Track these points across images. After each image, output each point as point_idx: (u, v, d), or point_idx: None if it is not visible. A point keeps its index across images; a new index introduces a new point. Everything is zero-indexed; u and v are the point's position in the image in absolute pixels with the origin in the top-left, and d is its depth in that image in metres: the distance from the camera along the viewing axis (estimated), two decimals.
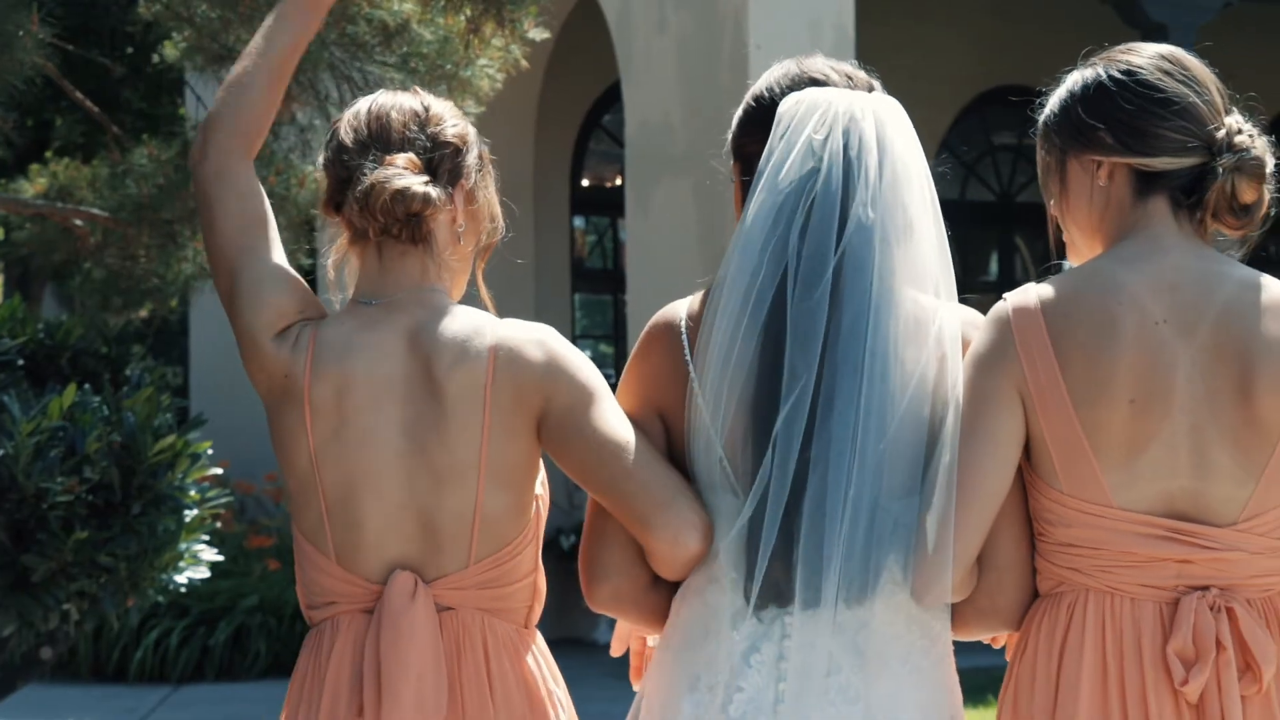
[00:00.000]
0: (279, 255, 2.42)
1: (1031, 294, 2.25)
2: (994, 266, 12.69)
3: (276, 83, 2.43)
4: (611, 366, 12.85)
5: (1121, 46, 2.34)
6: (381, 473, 2.31)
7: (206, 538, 5.22)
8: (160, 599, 5.15)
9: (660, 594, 2.34)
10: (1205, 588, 2.17)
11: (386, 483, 2.31)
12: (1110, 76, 2.28)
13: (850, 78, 2.41)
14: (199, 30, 5.38)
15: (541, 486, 2.42)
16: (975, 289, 12.88)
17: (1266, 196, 2.26)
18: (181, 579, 5.13)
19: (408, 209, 2.33)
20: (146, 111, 12.89)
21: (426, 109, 2.43)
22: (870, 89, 2.41)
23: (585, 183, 12.30)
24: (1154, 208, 2.26)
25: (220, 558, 5.37)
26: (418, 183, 2.35)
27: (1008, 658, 2.34)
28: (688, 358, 2.31)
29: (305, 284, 2.42)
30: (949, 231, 2.31)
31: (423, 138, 2.40)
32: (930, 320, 2.25)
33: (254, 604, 9.51)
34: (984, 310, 2.35)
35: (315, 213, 5.98)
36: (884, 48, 11.50)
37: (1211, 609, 2.15)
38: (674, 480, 2.28)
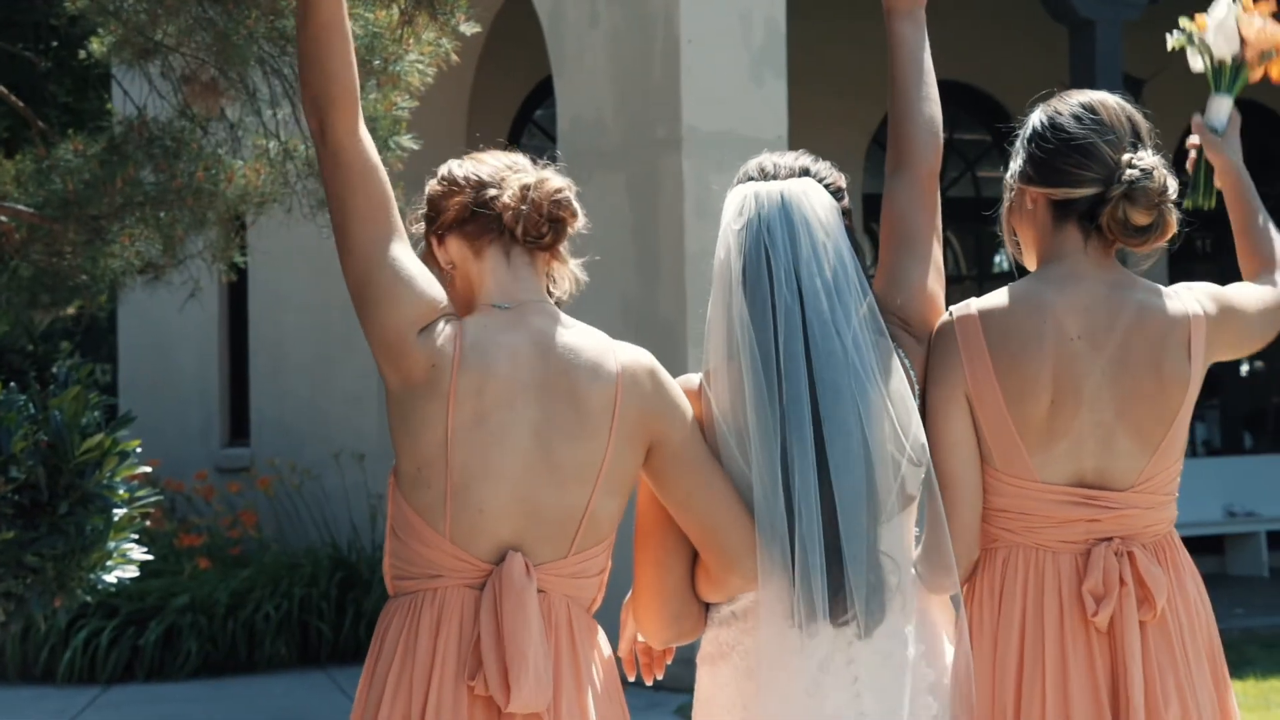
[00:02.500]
0: (408, 246, 2.58)
1: (972, 308, 2.77)
2: None
3: (342, 38, 2.52)
4: None
5: (1061, 94, 2.86)
6: (508, 465, 2.53)
7: (136, 537, 5.16)
8: (89, 599, 5.09)
9: (703, 616, 2.72)
10: (1109, 539, 2.74)
11: (511, 474, 2.53)
12: (1041, 122, 2.84)
13: (779, 167, 2.72)
14: (126, 24, 5.32)
15: None
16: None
17: (1167, 218, 2.74)
18: (110, 579, 5.06)
19: (561, 210, 2.62)
20: (72, 106, 12.76)
21: (533, 160, 2.74)
22: (804, 172, 2.72)
23: None
24: (1069, 233, 2.79)
25: (150, 557, 5.31)
26: (569, 187, 2.66)
27: None
28: (723, 427, 2.65)
29: (433, 276, 2.60)
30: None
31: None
32: (878, 367, 2.62)
33: (184, 603, 9.43)
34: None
35: (244, 209, 5.94)
36: (815, 42, 11.54)
37: (1115, 555, 2.72)
38: (751, 522, 2.61)
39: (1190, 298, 2.80)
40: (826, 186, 2.72)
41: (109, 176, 5.58)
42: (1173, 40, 3.15)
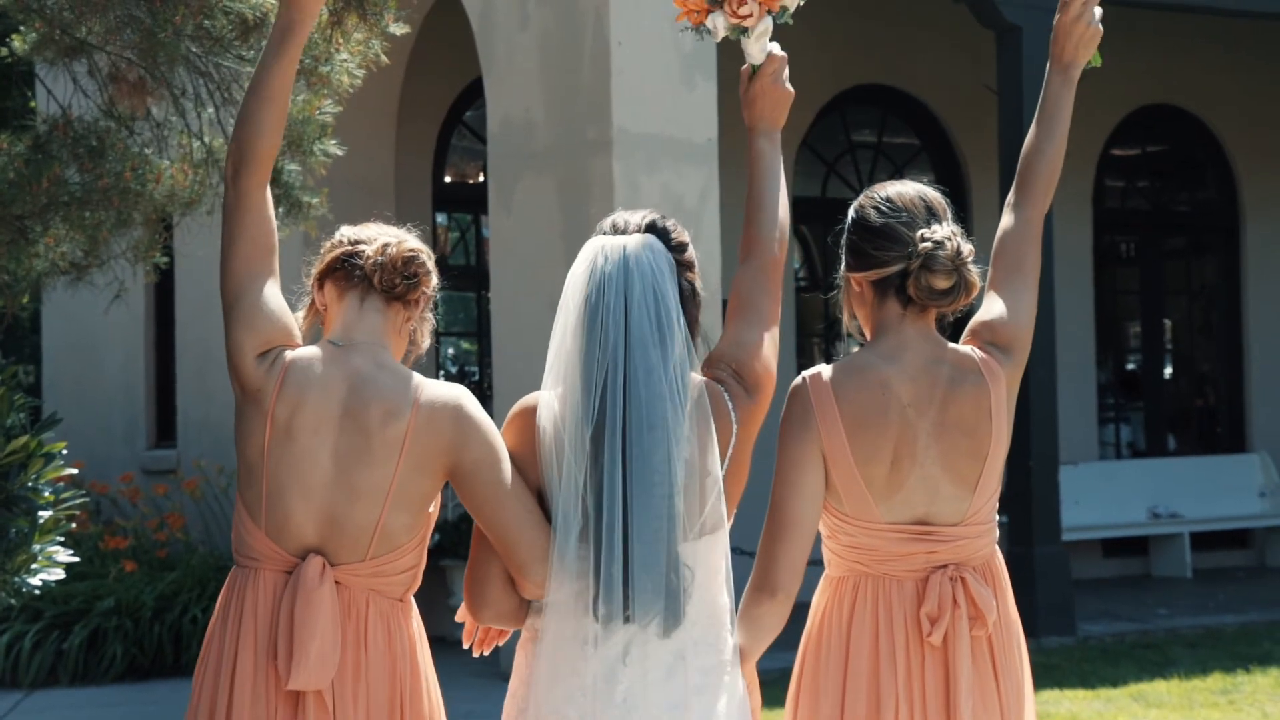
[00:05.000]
0: (275, 286, 3.10)
1: (824, 376, 3.20)
2: None
3: (278, 109, 3.09)
4: (475, 363, 12.79)
5: (867, 190, 3.30)
6: (311, 483, 3.05)
7: (61, 539, 5.11)
8: (13, 602, 5.04)
9: (524, 606, 3.14)
10: (945, 565, 3.18)
11: (313, 491, 3.05)
12: (851, 219, 3.29)
13: (628, 224, 3.15)
14: (50, 22, 5.27)
15: (434, 506, 3.17)
16: (836, 284, 12.98)
17: (968, 279, 3.16)
18: (35, 581, 5.02)
19: (413, 266, 3.14)
20: None
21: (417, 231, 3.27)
22: (650, 228, 3.14)
23: (448, 179, 12.25)
24: (890, 307, 3.24)
25: (75, 559, 5.26)
26: (426, 251, 3.19)
27: None
28: (540, 441, 3.08)
29: (291, 316, 3.12)
30: (814, 231, 2.41)
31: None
32: (689, 400, 3.04)
33: (110, 606, 9.35)
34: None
35: (171, 210, 5.89)
36: None
37: (950, 580, 3.16)
38: (545, 536, 3.05)
39: (990, 364, 3.22)
40: (669, 242, 3.14)
41: (34, 176, 5.53)
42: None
